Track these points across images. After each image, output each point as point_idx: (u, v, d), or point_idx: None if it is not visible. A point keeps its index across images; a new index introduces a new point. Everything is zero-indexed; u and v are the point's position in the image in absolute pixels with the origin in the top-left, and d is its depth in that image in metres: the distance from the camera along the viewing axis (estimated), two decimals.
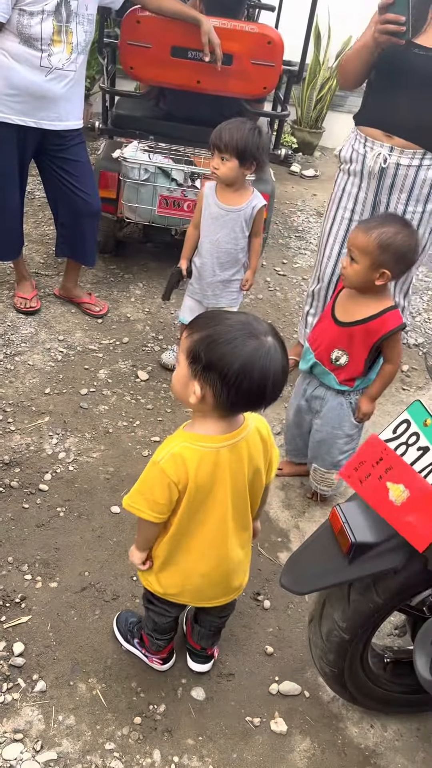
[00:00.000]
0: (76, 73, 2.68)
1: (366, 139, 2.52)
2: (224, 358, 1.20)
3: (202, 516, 1.43)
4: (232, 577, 1.56)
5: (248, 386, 1.21)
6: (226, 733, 1.72)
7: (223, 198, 2.56)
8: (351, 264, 1.96)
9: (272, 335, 1.25)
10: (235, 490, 1.42)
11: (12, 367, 2.84)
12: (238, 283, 2.74)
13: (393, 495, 1.11)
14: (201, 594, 1.57)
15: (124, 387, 2.85)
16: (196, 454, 1.34)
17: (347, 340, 2.06)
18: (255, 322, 1.26)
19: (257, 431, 1.41)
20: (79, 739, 1.65)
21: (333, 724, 1.78)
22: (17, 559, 2.05)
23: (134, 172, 3.19)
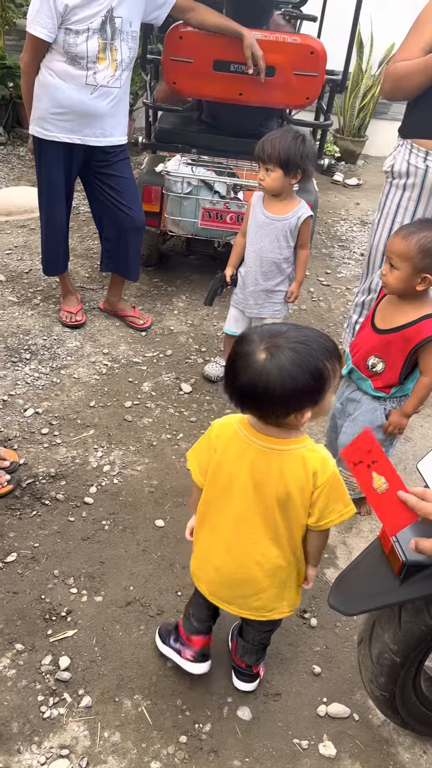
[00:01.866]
0: (120, 90, 2.72)
1: (427, 153, 2.45)
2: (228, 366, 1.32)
3: (224, 503, 1.47)
4: (245, 590, 1.55)
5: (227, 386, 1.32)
6: (273, 755, 1.68)
7: (269, 207, 2.55)
8: (391, 271, 1.94)
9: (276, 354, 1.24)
10: (259, 496, 1.42)
11: (58, 381, 2.88)
12: (282, 294, 2.72)
13: (375, 484, 1.24)
14: (214, 589, 1.61)
15: (167, 399, 2.86)
16: (232, 432, 1.42)
17: (384, 347, 2.03)
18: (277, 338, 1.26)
19: (303, 460, 1.36)
20: (124, 756, 1.64)
21: (384, 749, 1.73)
22: (63, 572, 2.06)
23: (177, 185, 3.21)
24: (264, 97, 3.15)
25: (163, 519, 2.28)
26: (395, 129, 2.62)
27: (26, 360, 2.98)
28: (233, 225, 3.29)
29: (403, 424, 2.11)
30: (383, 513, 1.23)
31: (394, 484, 1.21)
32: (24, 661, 1.81)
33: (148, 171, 3.38)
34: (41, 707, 1.71)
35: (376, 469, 1.23)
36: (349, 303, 3.75)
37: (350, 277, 4.09)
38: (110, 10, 2.55)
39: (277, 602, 1.57)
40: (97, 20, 2.54)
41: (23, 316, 3.29)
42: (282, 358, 1.24)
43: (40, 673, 1.78)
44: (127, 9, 2.61)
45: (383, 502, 1.22)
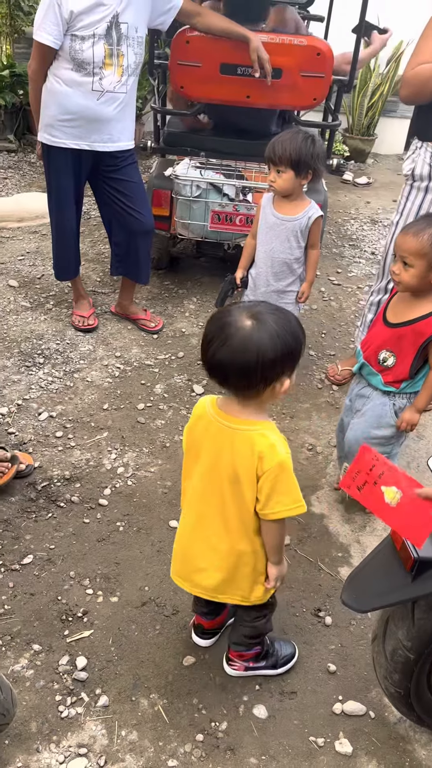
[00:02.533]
0: (126, 95, 2.75)
1: None
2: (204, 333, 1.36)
3: (192, 480, 1.54)
4: (195, 565, 1.60)
5: (207, 358, 1.33)
6: (289, 753, 1.69)
7: (279, 208, 2.57)
8: (406, 269, 1.94)
9: (260, 320, 1.29)
10: (214, 475, 1.46)
11: (71, 384, 2.91)
12: (293, 294, 2.73)
13: (388, 498, 1.18)
14: (175, 563, 1.69)
15: (180, 401, 2.87)
16: (202, 409, 1.48)
17: (396, 341, 2.04)
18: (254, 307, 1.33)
19: (251, 442, 1.39)
20: (142, 755, 1.65)
21: (400, 746, 1.73)
22: (79, 573, 2.08)
23: (186, 188, 3.23)
24: (271, 99, 3.16)
25: (176, 519, 2.29)
26: (405, 127, 2.61)
27: (40, 364, 3.01)
28: (242, 227, 3.30)
29: (416, 420, 2.11)
30: (404, 526, 1.18)
31: (409, 487, 1.16)
32: (41, 662, 1.83)
33: (157, 175, 3.41)
34: (59, 707, 1.73)
35: (384, 481, 1.18)
36: (361, 302, 3.75)
37: (361, 276, 4.09)
38: (115, 15, 2.58)
39: (228, 587, 1.60)
40: (103, 26, 2.57)
41: (36, 321, 3.33)
42: (269, 323, 1.30)
43: (58, 673, 1.81)
44: (132, 14, 2.64)
45: (401, 514, 1.17)
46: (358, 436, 2.20)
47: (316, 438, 2.76)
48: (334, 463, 2.62)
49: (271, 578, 1.57)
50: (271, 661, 1.83)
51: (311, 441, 2.74)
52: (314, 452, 2.68)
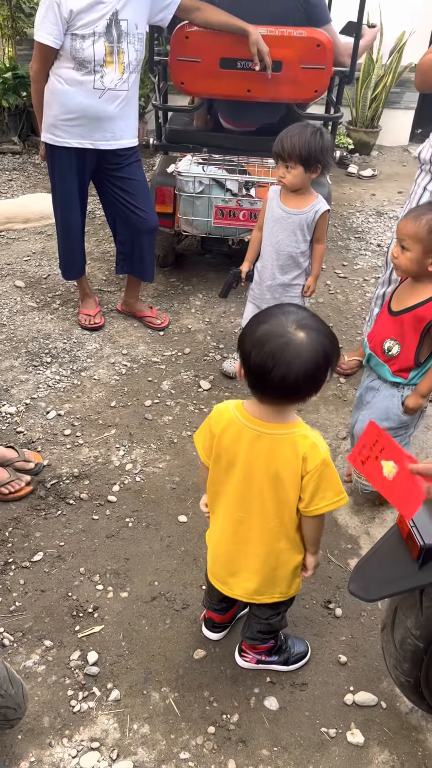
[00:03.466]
0: (128, 93, 2.75)
1: None
2: (244, 336, 1.31)
3: (225, 487, 1.52)
4: (236, 568, 1.60)
5: (252, 365, 1.28)
6: (301, 744, 1.69)
7: (286, 201, 2.56)
8: (403, 253, 1.95)
9: (307, 332, 1.26)
10: (253, 479, 1.45)
11: (79, 383, 2.92)
12: (299, 288, 2.73)
13: (386, 471, 1.23)
14: (212, 567, 1.68)
15: (187, 397, 2.88)
16: (229, 417, 1.44)
17: (399, 328, 2.04)
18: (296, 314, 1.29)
19: (293, 445, 1.39)
20: (154, 748, 1.66)
21: (412, 735, 1.72)
22: (89, 569, 2.09)
23: (189, 185, 3.23)
24: (272, 92, 3.15)
25: (185, 514, 2.30)
26: (409, 118, 2.61)
27: (47, 363, 3.03)
28: (246, 222, 3.30)
29: (420, 405, 2.10)
30: (397, 498, 1.23)
31: (403, 463, 1.22)
32: (53, 657, 1.85)
33: (160, 172, 3.41)
34: (71, 701, 1.74)
35: (385, 456, 1.24)
36: (368, 294, 3.73)
37: (367, 269, 4.07)
38: (115, 13, 2.59)
39: (268, 588, 1.60)
40: (102, 23, 2.57)
41: (43, 320, 3.34)
42: (317, 332, 1.28)
43: (69, 668, 1.82)
44: (132, 11, 2.64)
45: (395, 488, 1.22)
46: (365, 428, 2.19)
47: (324, 431, 2.75)
48: (342, 455, 2.62)
49: (310, 567, 1.59)
50: (283, 657, 1.83)
51: None
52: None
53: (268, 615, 1.71)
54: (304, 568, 1.60)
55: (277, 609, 1.71)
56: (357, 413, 2.30)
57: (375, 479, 1.25)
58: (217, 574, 1.67)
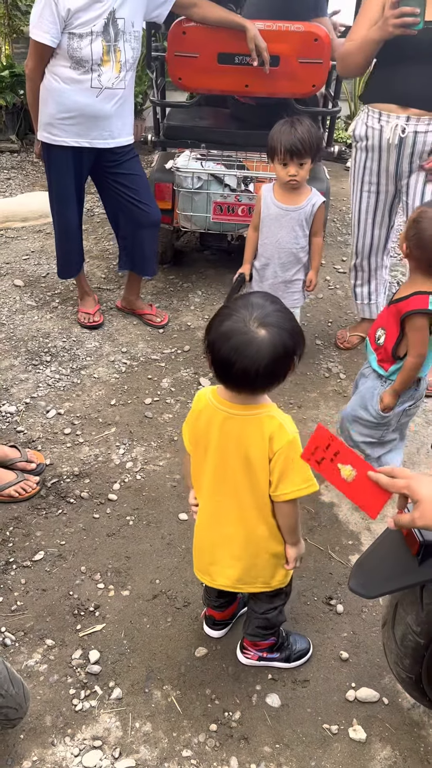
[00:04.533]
0: (125, 91, 2.74)
1: (380, 114, 2.62)
2: (210, 327, 1.35)
3: (204, 472, 1.53)
4: (217, 556, 1.60)
5: (217, 359, 1.32)
6: (303, 741, 1.69)
7: (281, 198, 2.56)
8: None
9: (268, 329, 1.29)
10: (226, 463, 1.46)
11: (78, 381, 2.92)
12: (299, 283, 2.73)
13: (344, 474, 1.25)
14: (196, 557, 1.69)
15: (187, 394, 2.87)
16: (204, 402, 1.48)
17: (387, 318, 2.07)
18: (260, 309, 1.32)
19: (260, 425, 1.40)
20: (156, 746, 1.66)
21: (414, 731, 1.72)
22: (90, 568, 2.09)
23: (187, 181, 3.22)
24: (270, 87, 3.13)
25: (186, 512, 2.29)
26: None
27: (47, 362, 3.02)
28: (245, 218, 3.29)
29: (393, 403, 2.11)
30: (360, 500, 1.25)
31: (362, 468, 1.23)
32: (55, 656, 1.85)
33: (158, 168, 3.40)
34: (73, 700, 1.74)
35: (340, 460, 1.25)
36: None
37: None
38: (112, 11, 2.57)
39: (249, 576, 1.60)
40: (100, 22, 2.56)
41: (42, 319, 3.34)
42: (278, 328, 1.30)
43: (71, 667, 1.82)
44: (129, 9, 2.62)
45: (357, 490, 1.24)
46: (348, 412, 2.27)
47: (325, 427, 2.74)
48: None
49: (290, 559, 1.58)
50: (284, 654, 1.83)
51: None
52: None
53: (264, 609, 1.71)
54: (286, 561, 1.59)
55: (273, 603, 1.71)
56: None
57: (334, 480, 1.27)
58: (199, 564, 1.68)
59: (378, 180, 2.77)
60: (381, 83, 2.62)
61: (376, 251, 3.01)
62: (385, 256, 3.09)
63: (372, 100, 2.66)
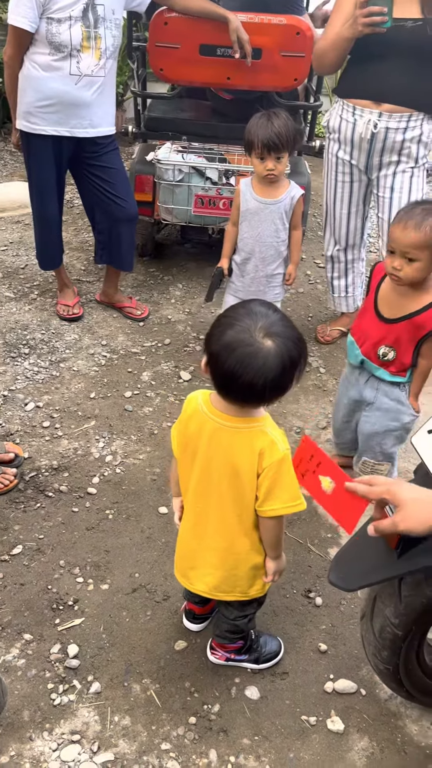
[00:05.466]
0: (105, 78, 2.71)
1: (354, 108, 2.65)
2: (211, 337, 1.31)
3: (190, 478, 1.51)
4: (191, 562, 1.60)
5: (220, 372, 1.28)
6: (282, 733, 1.70)
7: (260, 192, 2.55)
8: (410, 264, 1.85)
9: (274, 339, 1.25)
10: (212, 473, 1.44)
11: (57, 374, 2.89)
12: (280, 277, 2.73)
13: (324, 486, 1.26)
14: (177, 560, 1.69)
15: (167, 388, 2.86)
16: (195, 407, 1.45)
17: (394, 336, 1.99)
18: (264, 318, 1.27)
19: (251, 439, 1.37)
20: (135, 739, 1.66)
21: (391, 722, 1.74)
22: (69, 562, 2.08)
23: (168, 173, 3.20)
24: (252, 80, 3.12)
25: (166, 506, 2.29)
26: None
27: (25, 355, 2.99)
28: (226, 211, 3.27)
29: (416, 406, 2.12)
30: (337, 512, 1.26)
31: (340, 479, 1.24)
32: (33, 651, 1.83)
33: (139, 160, 3.37)
34: (51, 695, 1.74)
35: (321, 471, 1.26)
36: None
37: None
38: None
39: (227, 585, 1.58)
40: (79, 7, 2.53)
41: (21, 311, 3.30)
42: (284, 340, 1.26)
43: (49, 662, 1.81)
44: None
45: (335, 502, 1.25)
46: (376, 429, 2.17)
47: (304, 421, 2.76)
48: (322, 445, 2.63)
49: (269, 573, 1.56)
50: (253, 656, 1.81)
51: (299, 424, 2.74)
52: (302, 434, 2.68)
53: (235, 616, 1.69)
54: (264, 573, 1.57)
55: (244, 611, 1.68)
56: (356, 411, 2.25)
57: (315, 492, 1.28)
58: (179, 566, 1.67)
59: (351, 170, 2.81)
60: (355, 79, 2.65)
61: (353, 243, 3.03)
62: (363, 249, 3.11)
63: (346, 95, 2.69)
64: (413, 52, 2.47)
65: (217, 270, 2.74)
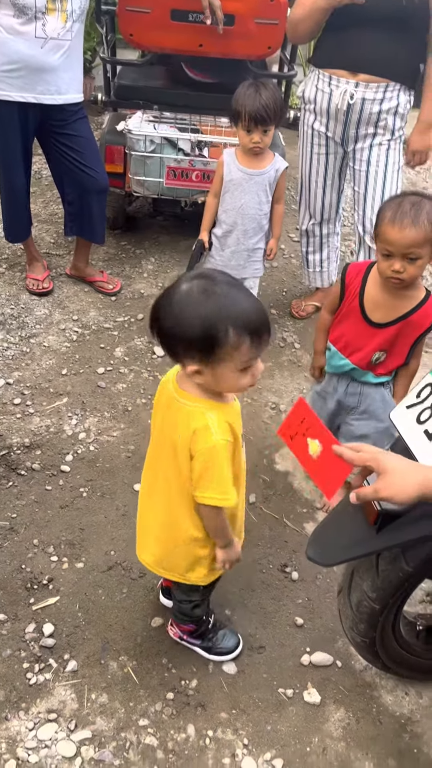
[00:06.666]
0: (71, 42, 2.61)
1: (330, 78, 2.61)
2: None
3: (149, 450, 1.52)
4: (142, 531, 1.59)
5: (151, 316, 1.28)
6: (259, 706, 1.71)
7: (245, 163, 2.51)
8: (412, 264, 1.74)
9: (210, 296, 1.21)
10: (161, 444, 1.42)
11: (28, 350, 2.83)
12: (261, 252, 2.70)
13: (311, 450, 1.25)
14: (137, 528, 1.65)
15: (141, 364, 2.82)
16: (167, 377, 1.42)
17: (388, 340, 1.91)
18: (207, 277, 1.25)
19: (189, 416, 1.33)
20: (112, 716, 1.66)
21: (367, 692, 1.77)
22: (42, 541, 2.05)
23: (139, 144, 3.11)
24: (224, 47, 3.04)
25: None
26: None
27: None
28: (199, 183, 3.21)
29: None
30: (320, 478, 1.25)
31: (327, 442, 1.22)
32: (7, 631, 1.81)
33: (109, 130, 3.28)
34: (27, 674, 1.72)
35: (310, 434, 1.24)
36: None
37: None
38: None
39: (167, 563, 1.55)
40: None
41: None
42: (191, 294, 1.22)
43: (25, 641, 1.79)
44: None
45: (319, 467, 1.24)
46: (365, 432, 2.10)
47: (279, 396, 2.75)
48: None
49: (218, 561, 1.51)
50: (206, 644, 1.78)
51: (274, 399, 2.73)
52: (277, 410, 2.68)
53: (180, 599, 1.67)
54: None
55: (189, 596, 1.64)
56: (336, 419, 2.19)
57: (301, 456, 1.27)
58: (138, 537, 1.63)
59: (327, 142, 2.77)
60: (331, 48, 2.61)
61: (328, 217, 3.01)
62: (338, 223, 3.08)
63: (322, 65, 2.64)
64: (389, 21, 2.42)
65: (197, 243, 2.69)
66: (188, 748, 1.62)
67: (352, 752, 1.65)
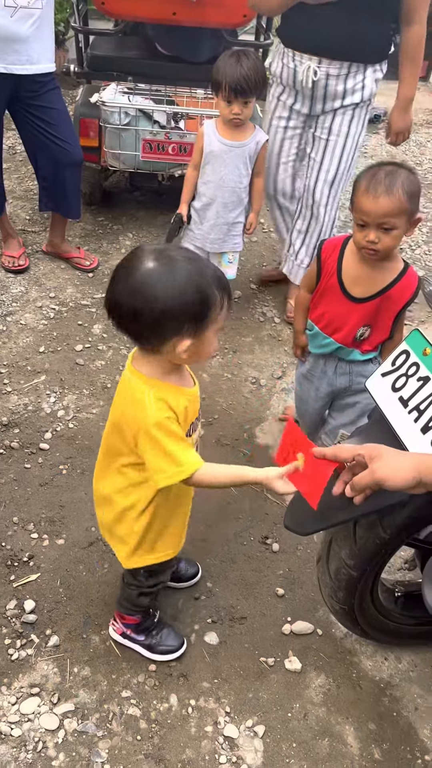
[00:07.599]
0: (42, 11, 2.54)
1: (294, 54, 2.55)
2: None
3: None
4: (98, 507, 1.57)
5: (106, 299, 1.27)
6: (241, 675, 1.73)
7: (225, 134, 2.47)
8: (387, 234, 1.70)
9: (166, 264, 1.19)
10: (112, 416, 1.41)
11: (4, 328, 2.79)
12: (240, 226, 2.67)
13: (299, 463, 1.26)
14: None
15: (119, 341, 2.80)
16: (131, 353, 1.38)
17: (371, 314, 1.88)
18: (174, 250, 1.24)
19: (131, 394, 1.30)
20: (95, 689, 1.66)
21: (347, 659, 1.79)
22: (22, 518, 2.04)
23: (114, 116, 3.06)
24: (199, 16, 2.99)
25: None
26: None
27: None
28: (176, 156, 3.17)
29: None
30: (305, 487, 1.26)
31: (306, 448, 1.24)
32: None
33: (83, 103, 3.21)
34: (9, 650, 1.72)
35: (297, 449, 1.26)
36: None
37: None
38: None
39: (108, 527, 1.54)
40: None
41: None
42: (171, 267, 1.19)
43: (6, 618, 1.79)
44: None
45: (303, 477, 1.25)
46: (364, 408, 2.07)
47: (260, 371, 2.74)
48: (278, 395, 2.63)
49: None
50: (147, 641, 1.72)
51: (254, 374, 2.72)
52: (258, 385, 2.67)
53: (126, 581, 1.63)
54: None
55: (134, 579, 1.61)
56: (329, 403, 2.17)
57: (292, 475, 1.28)
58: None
59: (289, 115, 2.71)
60: (294, 27, 2.52)
61: (282, 189, 2.90)
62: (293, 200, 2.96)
63: (286, 43, 2.58)
64: (352, 3, 2.33)
65: (176, 216, 2.65)
66: (171, 718, 1.63)
67: (333, 717, 1.67)
